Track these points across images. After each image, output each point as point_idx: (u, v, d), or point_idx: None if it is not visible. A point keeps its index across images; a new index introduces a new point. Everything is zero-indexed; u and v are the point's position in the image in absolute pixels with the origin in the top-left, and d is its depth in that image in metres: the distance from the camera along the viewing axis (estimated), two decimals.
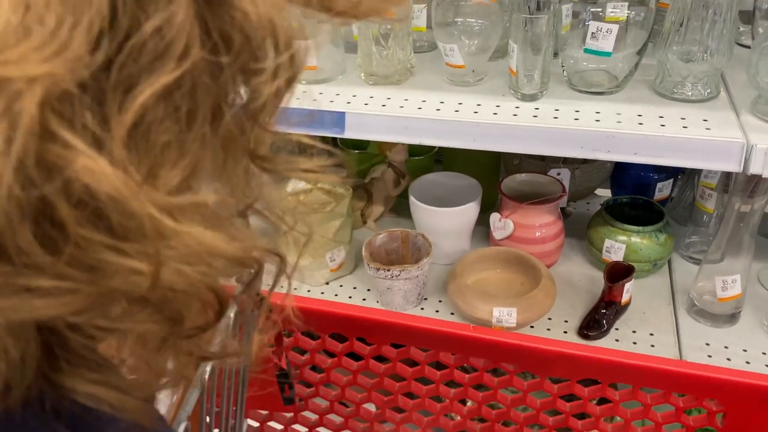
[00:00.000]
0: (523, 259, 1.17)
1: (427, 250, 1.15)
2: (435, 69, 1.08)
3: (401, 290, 1.13)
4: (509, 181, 1.25)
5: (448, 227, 1.22)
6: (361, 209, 1.37)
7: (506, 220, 1.19)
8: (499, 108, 0.94)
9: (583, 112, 0.91)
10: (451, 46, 0.97)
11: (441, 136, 0.93)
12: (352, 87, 1.04)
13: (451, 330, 0.72)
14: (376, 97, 1.00)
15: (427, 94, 1.00)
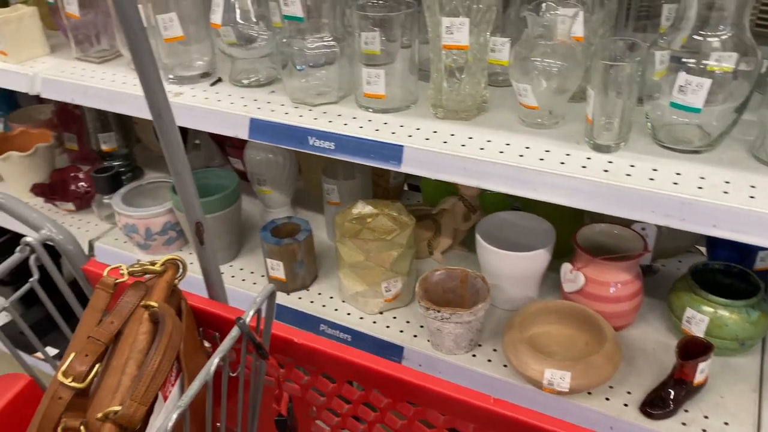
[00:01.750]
0: (590, 318, 1.07)
1: (485, 294, 1.08)
2: (511, 106, 1.01)
3: (452, 333, 1.08)
4: (587, 230, 1.15)
5: (514, 272, 1.15)
6: (428, 240, 1.32)
7: (577, 273, 1.10)
8: (568, 157, 0.86)
9: (662, 172, 0.81)
10: (524, 86, 0.91)
11: (499, 181, 0.87)
12: (418, 119, 1.00)
13: (469, 399, 0.66)
14: (440, 132, 0.96)
15: (495, 133, 0.94)
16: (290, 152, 1.43)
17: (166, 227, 1.39)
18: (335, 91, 1.07)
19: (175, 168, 0.68)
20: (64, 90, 1.24)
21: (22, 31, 1.32)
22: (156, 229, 1.38)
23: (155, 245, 1.41)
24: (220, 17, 1.10)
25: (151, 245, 1.41)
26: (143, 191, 1.50)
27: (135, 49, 0.61)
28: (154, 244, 1.40)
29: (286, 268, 1.25)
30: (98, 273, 0.80)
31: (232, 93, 1.14)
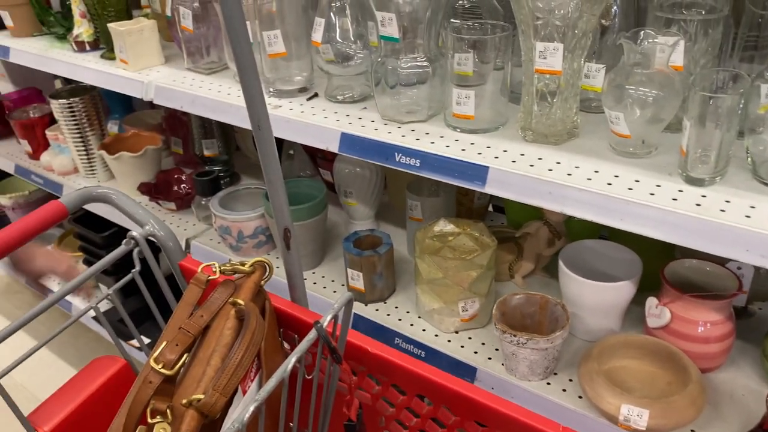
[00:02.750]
0: (674, 356, 1.03)
1: (564, 322, 1.07)
2: (602, 132, 1.00)
3: (527, 359, 1.06)
4: (676, 265, 1.11)
5: (596, 302, 1.12)
6: (510, 263, 1.31)
7: (663, 309, 1.06)
8: (658, 188, 0.84)
9: (760, 210, 0.77)
10: (617, 114, 0.89)
11: (584, 208, 0.86)
12: (505, 141, 1.00)
13: (538, 425, 0.66)
14: (528, 155, 0.96)
15: (584, 159, 0.93)
16: (377, 167, 1.46)
17: (257, 231, 1.46)
18: (425, 109, 1.09)
19: (269, 176, 0.72)
20: (174, 98, 1.34)
21: (141, 42, 1.44)
22: (247, 233, 1.45)
23: (246, 247, 1.48)
24: (321, 36, 1.15)
25: (242, 247, 1.48)
26: (238, 196, 1.59)
27: (241, 64, 0.66)
28: (245, 246, 1.47)
29: (365, 279, 1.28)
30: (193, 269, 0.85)
31: (327, 108, 1.19)
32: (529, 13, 0.91)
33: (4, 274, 2.69)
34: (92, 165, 1.87)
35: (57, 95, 1.80)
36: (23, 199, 2.18)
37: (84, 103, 1.78)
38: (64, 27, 1.71)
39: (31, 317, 0.74)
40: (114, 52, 1.52)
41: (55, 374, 2.10)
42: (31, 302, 2.54)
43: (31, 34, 1.76)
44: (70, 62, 1.55)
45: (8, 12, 1.73)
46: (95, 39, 1.59)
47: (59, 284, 2.13)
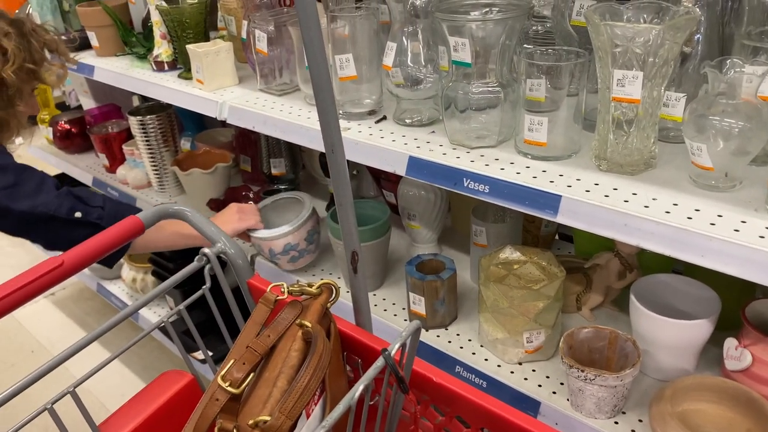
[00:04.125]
0: (755, 402, 0.97)
1: (635, 359, 1.02)
2: (680, 164, 0.96)
3: (594, 396, 1.02)
4: (759, 305, 1.05)
5: (670, 340, 1.07)
6: (578, 294, 1.27)
7: (744, 351, 1.00)
8: (743, 224, 0.80)
9: None
10: (699, 145, 0.86)
11: (663, 243, 0.82)
12: (578, 169, 0.98)
13: None
14: (602, 185, 0.93)
15: (661, 191, 0.89)
16: (442, 191, 1.46)
17: (287, 248, 1.45)
18: (495, 135, 1.08)
19: (340, 199, 0.72)
20: (246, 118, 1.37)
21: (217, 63, 1.48)
22: (277, 250, 1.45)
23: (281, 262, 1.50)
24: (392, 60, 1.16)
25: (278, 262, 1.50)
26: (277, 206, 1.60)
27: (318, 88, 0.66)
28: (280, 261, 1.49)
29: (427, 304, 1.27)
30: (260, 287, 0.86)
31: (395, 131, 1.19)
32: (607, 40, 0.88)
33: (77, 280, 2.81)
34: (164, 180, 1.93)
35: (135, 112, 1.88)
36: None
37: (160, 120, 1.85)
38: (144, 47, 1.79)
39: (106, 329, 0.77)
40: (191, 72, 1.58)
41: (120, 381, 2.17)
42: (100, 309, 2.64)
43: (114, 53, 1.85)
44: (149, 81, 1.62)
45: (95, 33, 1.82)
46: (173, 59, 1.66)
47: (129, 296, 2.21)
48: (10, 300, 0.70)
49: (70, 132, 2.29)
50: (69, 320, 2.61)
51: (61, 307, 2.70)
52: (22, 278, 0.72)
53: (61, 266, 0.75)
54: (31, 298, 0.73)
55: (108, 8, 1.77)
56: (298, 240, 1.45)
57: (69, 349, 0.74)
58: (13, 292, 0.71)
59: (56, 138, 2.31)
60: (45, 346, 2.47)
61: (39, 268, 0.74)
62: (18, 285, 0.71)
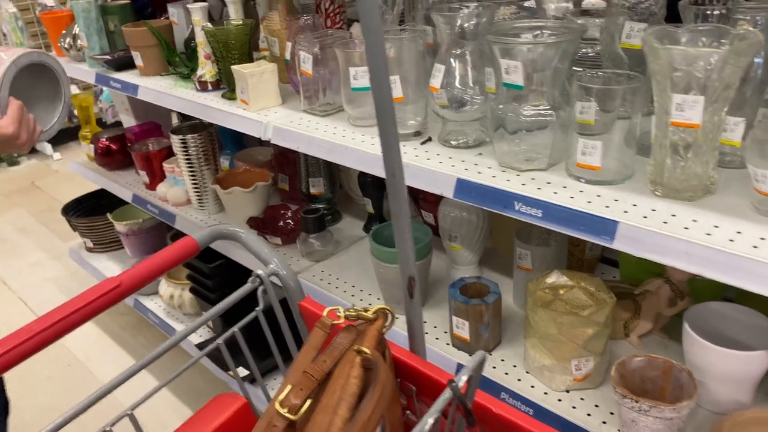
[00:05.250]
0: None
1: (691, 391, 0.99)
2: (740, 190, 0.93)
3: (649, 428, 0.99)
4: None
5: (726, 371, 1.04)
6: (626, 321, 1.24)
7: None
8: None
9: None
10: (762, 172, 0.83)
11: (728, 273, 0.80)
12: (633, 195, 0.96)
13: None
14: (660, 211, 0.91)
15: (723, 218, 0.87)
16: (484, 212, 1.44)
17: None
18: (545, 158, 1.07)
19: (399, 224, 0.71)
20: (291, 138, 1.38)
21: (262, 84, 1.50)
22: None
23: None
24: (440, 81, 1.16)
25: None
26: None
27: (381, 113, 0.66)
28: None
29: (471, 329, 1.25)
30: (312, 310, 0.86)
31: (441, 153, 1.18)
32: (666, 64, 0.87)
33: None
34: (204, 197, 1.95)
35: (177, 131, 1.91)
36: (137, 226, 2.31)
37: (201, 139, 1.87)
38: (188, 67, 1.82)
39: (157, 356, 0.77)
40: (235, 92, 1.59)
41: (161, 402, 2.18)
42: (135, 324, 2.67)
43: (158, 73, 1.88)
44: (193, 100, 1.64)
45: (139, 53, 1.86)
46: (217, 79, 1.68)
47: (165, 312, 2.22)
48: (68, 321, 0.71)
49: (110, 149, 2.33)
50: (104, 334, 2.64)
51: (96, 321, 2.73)
52: (80, 299, 0.73)
53: (119, 287, 0.75)
54: (89, 319, 0.73)
55: (153, 29, 1.80)
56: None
57: (120, 376, 0.74)
58: (72, 313, 0.71)
59: (97, 155, 2.35)
60: (81, 360, 2.49)
61: (97, 289, 0.74)
62: (77, 306, 0.72)
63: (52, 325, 0.69)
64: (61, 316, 0.70)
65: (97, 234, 2.50)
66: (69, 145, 4.85)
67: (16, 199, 4.09)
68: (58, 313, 0.70)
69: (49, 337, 0.69)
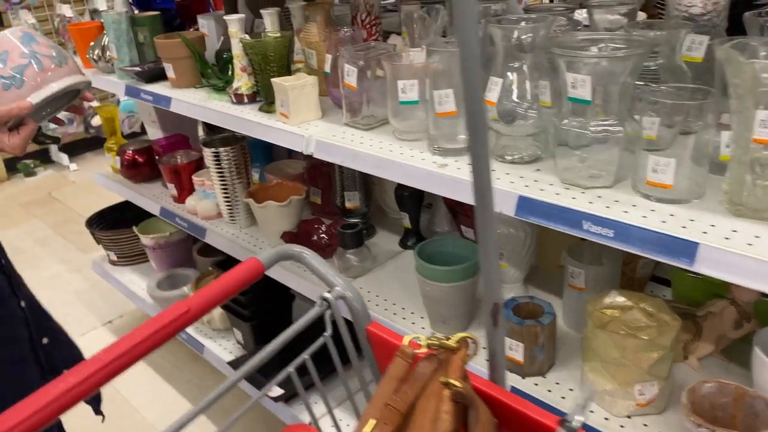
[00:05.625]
0: None
1: (767, 420, 0.94)
2: None
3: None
4: None
5: None
6: (686, 343, 1.20)
7: None
8: None
9: None
10: None
11: None
12: (709, 214, 0.92)
13: None
14: (741, 231, 0.87)
15: None
16: (532, 229, 1.40)
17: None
18: (610, 175, 1.03)
19: (486, 248, 0.68)
20: (334, 152, 1.35)
21: (303, 97, 1.47)
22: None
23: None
24: (497, 95, 1.12)
25: None
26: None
27: (473, 130, 0.63)
28: None
29: (525, 351, 1.21)
30: (380, 335, 0.82)
31: (497, 168, 1.15)
32: (750, 79, 0.83)
33: (135, 308, 2.81)
34: (235, 211, 1.92)
35: (209, 144, 1.88)
36: (164, 240, 2.28)
37: (234, 152, 1.84)
38: (221, 80, 1.79)
39: (215, 399, 0.73)
40: (272, 105, 1.57)
41: None
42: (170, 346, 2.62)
43: (190, 85, 1.85)
44: (229, 113, 1.61)
45: (171, 65, 1.83)
46: (253, 92, 1.65)
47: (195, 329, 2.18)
48: (139, 350, 0.67)
49: (137, 161, 2.31)
50: None
51: (118, 335, 2.69)
52: (149, 326, 0.69)
53: (188, 312, 0.71)
54: (158, 347, 0.70)
55: (187, 40, 1.78)
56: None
57: (176, 424, 0.70)
58: (143, 341, 0.67)
59: (123, 167, 2.32)
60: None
61: (165, 315, 0.71)
62: (146, 333, 0.68)
63: (121, 355, 0.66)
64: (131, 345, 0.66)
65: (122, 247, 2.47)
66: (85, 156, 4.84)
67: (34, 211, 4.07)
68: (128, 341, 0.67)
69: (117, 368, 0.66)
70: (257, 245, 1.84)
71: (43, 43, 1.19)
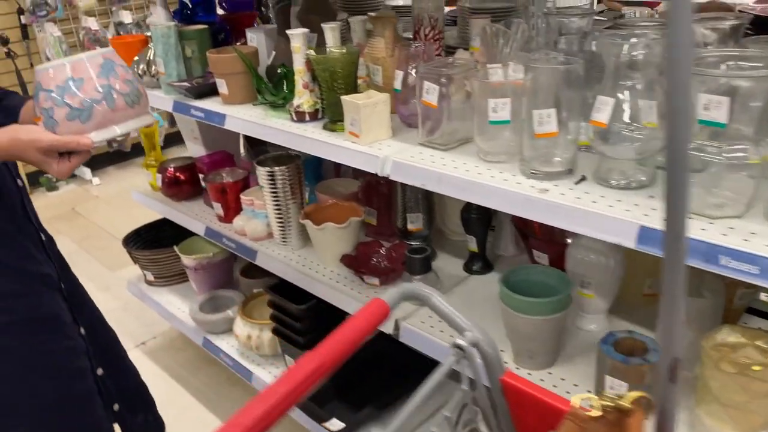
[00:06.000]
0: None
1: None
2: None
3: None
4: None
5: None
6: None
7: None
8: None
9: None
10: None
11: None
12: None
13: None
14: None
15: None
16: (622, 256, 1.32)
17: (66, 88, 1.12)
18: (741, 204, 0.94)
19: (671, 298, 0.59)
20: (414, 174, 1.27)
21: (374, 116, 1.39)
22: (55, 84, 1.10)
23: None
24: (607, 116, 1.04)
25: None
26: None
27: (673, 154, 0.54)
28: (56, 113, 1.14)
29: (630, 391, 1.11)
30: (517, 386, 0.73)
31: (606, 194, 1.06)
32: None
33: (169, 328, 2.72)
34: (288, 232, 1.84)
35: (263, 162, 1.81)
36: (206, 260, 2.20)
37: (289, 171, 1.76)
38: (275, 96, 1.72)
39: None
40: (337, 123, 1.49)
41: None
42: (194, 361, 2.54)
43: (243, 102, 1.78)
44: (291, 131, 1.54)
45: (225, 80, 1.76)
46: (315, 110, 1.58)
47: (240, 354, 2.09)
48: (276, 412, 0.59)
49: (178, 179, 2.24)
50: (163, 372, 2.52)
51: (153, 358, 2.61)
52: (282, 384, 0.61)
53: (322, 366, 0.63)
54: (295, 404, 0.62)
55: (243, 55, 1.71)
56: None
57: None
58: (280, 402, 0.59)
59: (164, 184, 2.25)
60: None
61: (297, 370, 0.62)
62: (284, 391, 0.60)
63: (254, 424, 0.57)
64: (269, 405, 0.58)
65: (160, 267, 2.39)
66: (107, 170, 4.79)
67: (58, 226, 4.00)
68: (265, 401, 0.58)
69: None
70: (312, 268, 1.75)
71: (122, 75, 1.12)
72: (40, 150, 1.04)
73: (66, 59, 1.10)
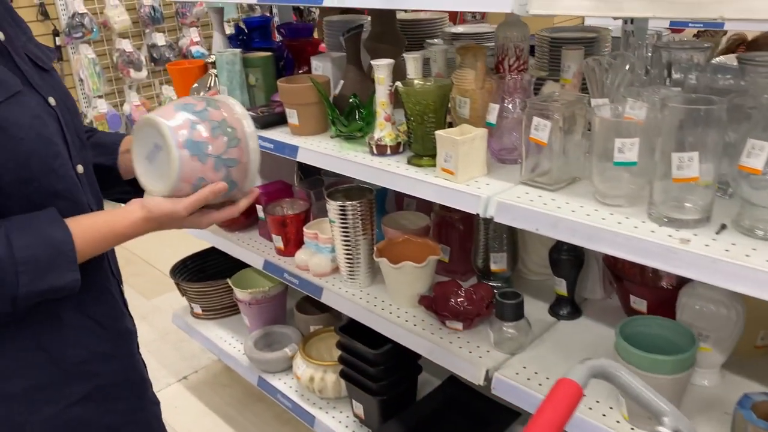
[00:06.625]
0: None
1: None
2: None
3: None
4: None
5: None
6: None
7: None
8: None
9: None
10: None
11: None
12: None
13: None
14: None
15: None
16: (743, 306, 1.22)
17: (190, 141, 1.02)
18: None
19: None
20: (525, 217, 1.18)
21: (471, 152, 1.31)
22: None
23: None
24: (762, 162, 0.95)
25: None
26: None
27: None
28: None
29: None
30: None
31: (757, 247, 0.97)
32: None
33: (214, 360, 2.62)
34: (356, 269, 1.75)
35: (333, 195, 1.72)
36: (261, 295, 2.11)
37: (362, 206, 1.68)
38: (348, 127, 1.64)
39: None
40: (424, 158, 1.41)
41: None
42: (241, 398, 2.44)
43: (314, 132, 1.71)
44: (373, 166, 1.46)
45: (296, 110, 1.69)
46: (397, 143, 1.50)
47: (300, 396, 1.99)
48: None
49: None
50: (207, 409, 2.41)
51: (196, 393, 2.51)
52: None
53: None
54: None
55: (318, 85, 1.63)
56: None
57: None
58: None
59: None
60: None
61: None
62: None
63: None
64: None
65: (209, 300, 2.30)
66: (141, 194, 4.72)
67: None
68: None
69: None
70: (384, 308, 1.66)
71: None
72: (181, 219, 0.99)
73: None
